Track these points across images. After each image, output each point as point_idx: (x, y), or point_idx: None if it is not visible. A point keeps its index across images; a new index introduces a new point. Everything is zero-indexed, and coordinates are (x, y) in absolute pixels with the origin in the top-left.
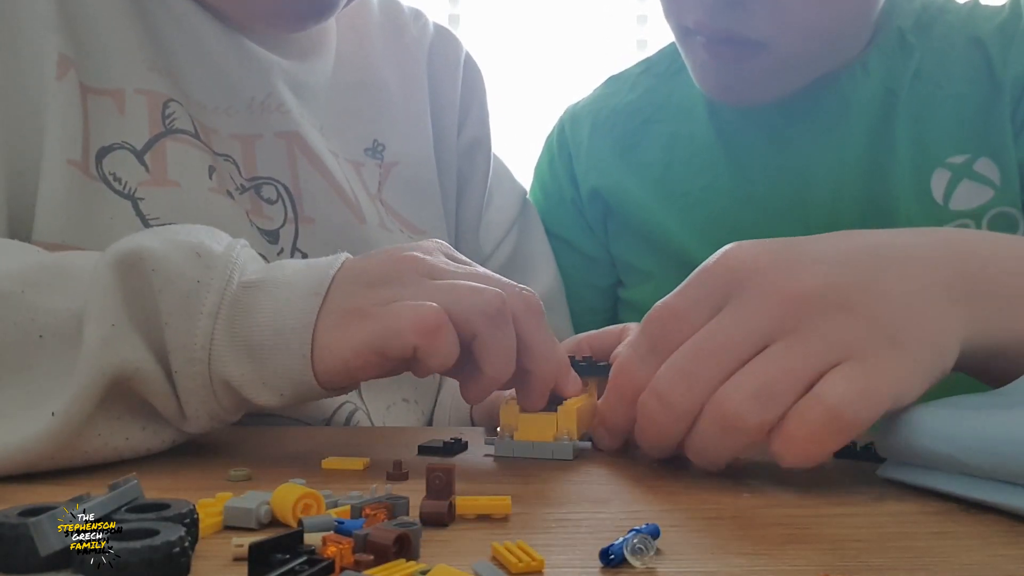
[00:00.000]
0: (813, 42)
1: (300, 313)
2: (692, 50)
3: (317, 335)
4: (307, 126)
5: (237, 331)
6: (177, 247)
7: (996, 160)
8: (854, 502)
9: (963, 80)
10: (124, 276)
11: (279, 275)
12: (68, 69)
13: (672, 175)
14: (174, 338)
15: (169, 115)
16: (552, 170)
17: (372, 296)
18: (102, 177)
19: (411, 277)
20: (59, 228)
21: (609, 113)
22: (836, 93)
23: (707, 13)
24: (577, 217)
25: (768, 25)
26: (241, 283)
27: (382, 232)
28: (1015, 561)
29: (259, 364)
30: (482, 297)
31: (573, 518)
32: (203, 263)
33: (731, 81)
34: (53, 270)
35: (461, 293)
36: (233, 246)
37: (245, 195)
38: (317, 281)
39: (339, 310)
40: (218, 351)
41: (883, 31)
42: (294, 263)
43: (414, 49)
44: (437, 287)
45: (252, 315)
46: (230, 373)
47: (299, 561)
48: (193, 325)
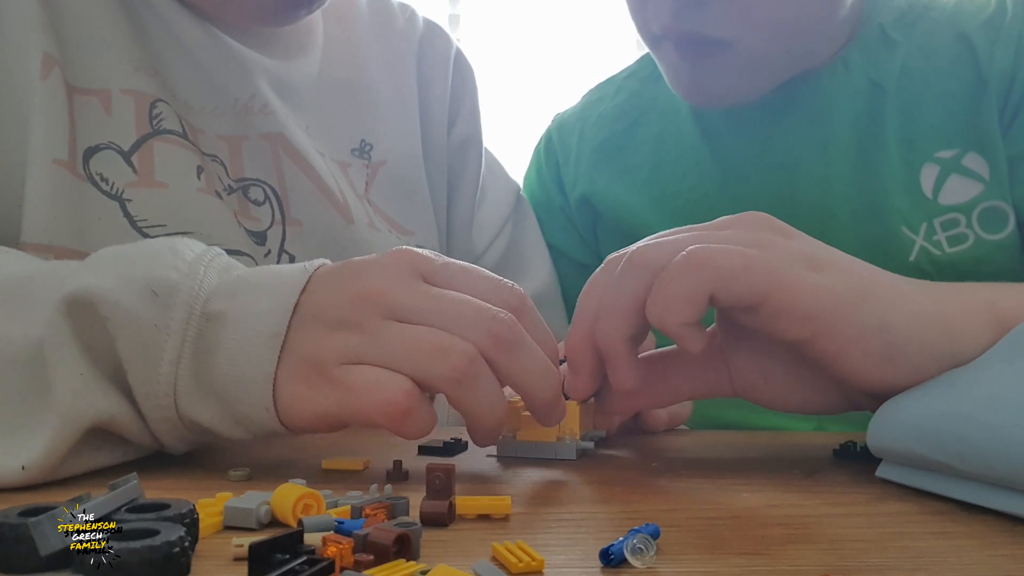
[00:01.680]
0: (779, 39)
1: (260, 361)
2: (663, 55)
3: (279, 384)
4: (292, 127)
5: (201, 373)
6: (131, 285)
7: (985, 154)
8: (854, 502)
9: (950, 76)
10: (77, 321)
11: (242, 304)
12: (53, 68)
13: (660, 177)
14: (138, 385)
15: (156, 115)
16: (540, 179)
17: (331, 345)
18: (89, 177)
19: (373, 322)
20: (46, 228)
21: (596, 119)
22: (818, 90)
23: (671, 16)
24: (567, 225)
25: (731, 24)
26: (203, 314)
27: (371, 232)
28: (1015, 561)
29: (226, 407)
30: (447, 362)
31: (573, 518)
32: (160, 303)
33: (702, 83)
34: (7, 293)
35: (424, 355)
36: (198, 265)
37: (233, 196)
38: (278, 317)
39: (299, 359)
40: (184, 395)
41: (863, 29)
42: (260, 279)
43: (403, 46)
44: (400, 343)
45: (214, 354)
46: (199, 415)
47: (299, 561)
48: (155, 373)
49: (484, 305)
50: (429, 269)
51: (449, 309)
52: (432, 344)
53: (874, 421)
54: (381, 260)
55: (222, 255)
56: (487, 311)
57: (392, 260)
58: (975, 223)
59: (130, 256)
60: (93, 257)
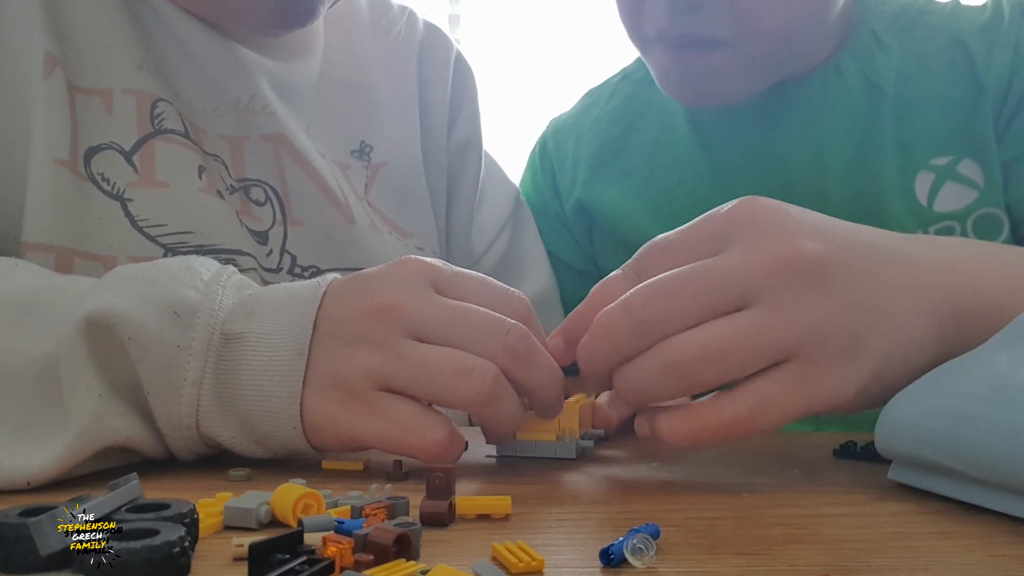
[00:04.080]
0: (775, 41)
1: (284, 381)
2: (654, 58)
3: (305, 403)
4: (293, 128)
5: (223, 394)
6: (152, 306)
7: (979, 161)
8: (854, 502)
9: (946, 82)
10: (96, 342)
11: (259, 324)
12: (55, 68)
13: (655, 182)
14: (159, 406)
15: (158, 115)
16: (535, 185)
17: (356, 364)
18: (91, 177)
19: (392, 340)
20: (47, 228)
21: (591, 124)
22: (812, 95)
23: (668, 19)
24: (563, 231)
25: (730, 24)
26: (223, 334)
27: (372, 233)
28: (1015, 561)
29: (249, 427)
30: (471, 384)
31: (573, 518)
32: (182, 323)
33: (695, 82)
34: (17, 308)
35: (448, 378)
36: (215, 285)
37: (235, 196)
38: (298, 336)
39: (325, 378)
40: (205, 416)
41: (855, 33)
42: (274, 297)
43: (403, 48)
44: (423, 367)
45: (236, 375)
46: (219, 435)
47: (299, 561)
48: (178, 393)
49: (497, 317)
50: (439, 278)
51: (464, 322)
52: (455, 366)
53: (880, 423)
54: (392, 271)
55: (236, 274)
56: (501, 324)
57: (402, 270)
58: (970, 231)
59: (149, 276)
60: (108, 276)
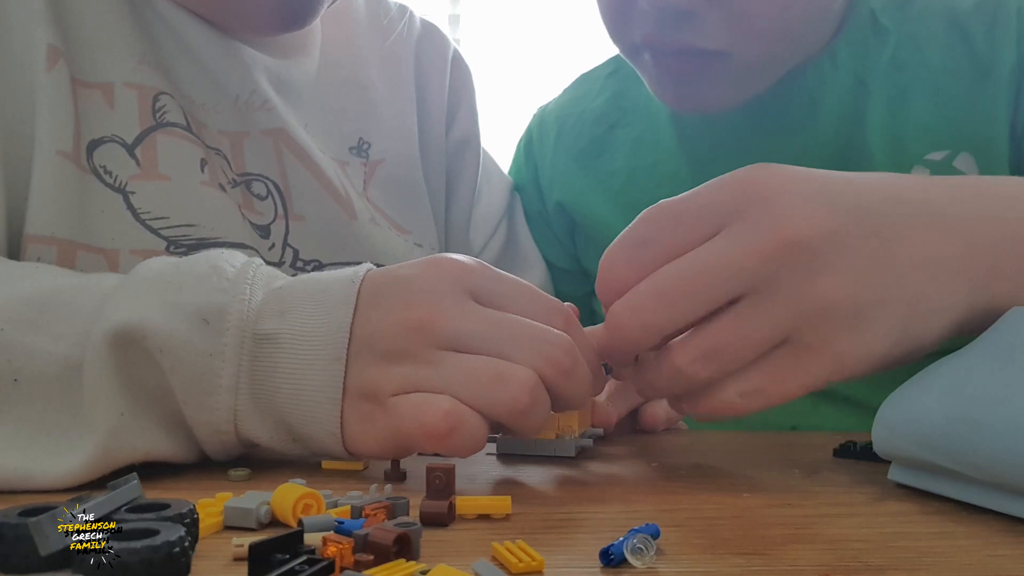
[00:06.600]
0: (776, 45)
1: (323, 387)
2: (645, 66)
3: (343, 415)
4: (293, 123)
5: (260, 396)
6: (180, 313)
7: (977, 155)
8: (854, 502)
9: (942, 70)
10: (123, 354)
11: (293, 323)
12: (58, 60)
13: (635, 185)
14: (195, 415)
15: (160, 108)
16: (520, 180)
17: (386, 376)
18: (93, 170)
19: (426, 352)
20: (50, 220)
21: (575, 120)
22: (802, 91)
23: (657, 28)
24: (545, 229)
25: (726, 34)
26: (255, 335)
27: (373, 228)
28: (1015, 561)
29: (287, 429)
30: (507, 391)
31: (573, 518)
32: (212, 330)
33: (691, 91)
34: (36, 306)
35: (483, 384)
36: (241, 283)
37: (236, 189)
38: (334, 340)
39: (358, 392)
40: (243, 419)
41: (853, 16)
42: (306, 292)
43: (400, 47)
44: (458, 373)
45: (273, 376)
46: (258, 436)
47: (299, 561)
48: (214, 401)
49: (539, 328)
50: (476, 283)
51: (506, 334)
52: (491, 372)
53: (877, 425)
54: (427, 274)
55: (263, 266)
56: (543, 334)
57: (438, 275)
58: None
59: (175, 280)
60: (132, 279)
